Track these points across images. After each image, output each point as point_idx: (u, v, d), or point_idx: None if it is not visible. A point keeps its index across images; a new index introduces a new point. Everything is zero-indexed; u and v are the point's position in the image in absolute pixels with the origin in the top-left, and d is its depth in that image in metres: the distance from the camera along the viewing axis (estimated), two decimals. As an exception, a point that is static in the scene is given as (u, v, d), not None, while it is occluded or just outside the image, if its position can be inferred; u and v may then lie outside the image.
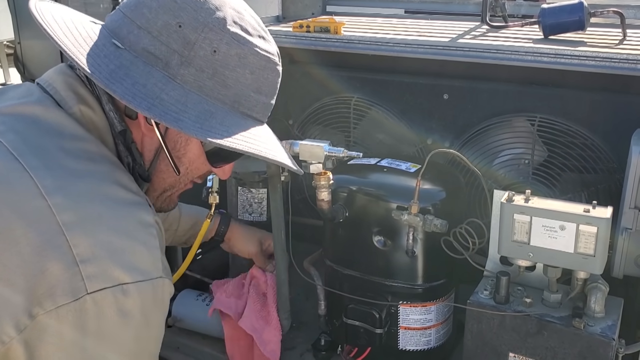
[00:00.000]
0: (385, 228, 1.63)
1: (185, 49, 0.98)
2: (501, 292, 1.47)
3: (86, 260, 0.83)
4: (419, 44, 1.88)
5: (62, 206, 0.85)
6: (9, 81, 6.73)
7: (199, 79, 0.99)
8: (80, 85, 1.02)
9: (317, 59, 2.13)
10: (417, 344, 1.70)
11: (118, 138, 1.03)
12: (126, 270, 0.86)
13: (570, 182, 1.78)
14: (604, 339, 1.35)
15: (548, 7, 1.90)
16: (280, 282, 1.82)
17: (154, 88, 0.96)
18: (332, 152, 1.59)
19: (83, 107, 1.00)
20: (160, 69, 0.98)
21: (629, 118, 1.69)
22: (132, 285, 0.86)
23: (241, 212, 2.04)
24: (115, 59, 0.97)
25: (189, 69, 0.99)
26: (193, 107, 0.98)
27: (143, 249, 0.90)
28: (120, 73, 0.96)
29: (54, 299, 0.82)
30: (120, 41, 0.99)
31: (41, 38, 3.11)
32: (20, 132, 0.93)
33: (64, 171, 0.90)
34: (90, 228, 0.86)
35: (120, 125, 1.03)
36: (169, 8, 0.99)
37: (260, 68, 1.05)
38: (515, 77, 1.85)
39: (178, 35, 0.98)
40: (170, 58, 0.98)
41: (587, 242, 1.34)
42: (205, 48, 0.99)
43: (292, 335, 1.88)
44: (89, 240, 0.85)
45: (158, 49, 0.98)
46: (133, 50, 0.98)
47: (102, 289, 0.84)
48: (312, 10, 2.53)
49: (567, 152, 1.79)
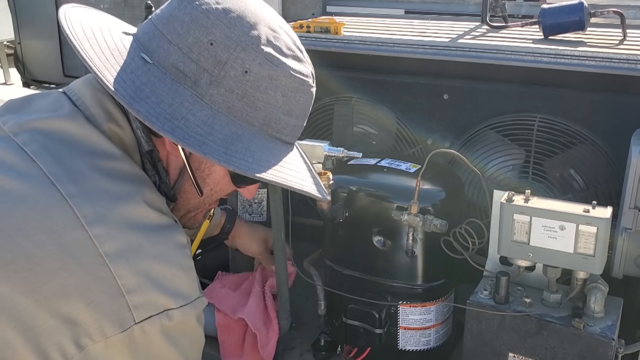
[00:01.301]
0: (385, 228, 1.63)
1: (216, 68, 0.94)
2: (501, 292, 1.47)
3: (131, 290, 0.85)
4: (419, 44, 1.88)
5: (103, 237, 0.85)
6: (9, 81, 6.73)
7: (228, 100, 0.96)
8: (109, 101, 0.99)
9: (317, 59, 2.10)
10: (417, 344, 1.70)
11: (145, 157, 1.01)
12: (170, 296, 0.88)
13: (570, 182, 1.78)
14: (604, 339, 1.35)
15: (548, 8, 1.90)
16: (280, 282, 1.82)
17: (180, 108, 0.93)
18: (332, 152, 1.59)
19: (112, 126, 0.98)
20: (188, 87, 0.94)
21: (629, 118, 1.69)
22: (177, 311, 0.88)
23: (241, 212, 2.04)
24: (143, 75, 0.94)
25: (219, 89, 0.95)
26: (220, 129, 0.95)
27: (182, 273, 0.91)
28: (146, 90, 0.92)
29: (102, 331, 0.83)
30: (149, 55, 0.95)
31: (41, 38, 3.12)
32: (53, 151, 0.91)
33: (101, 195, 0.88)
34: (132, 257, 0.86)
35: (148, 144, 1.00)
36: (202, 24, 0.94)
37: (293, 90, 1.02)
38: (516, 77, 1.85)
39: (209, 53, 0.94)
40: (200, 76, 0.94)
41: (587, 242, 1.34)
42: (237, 68, 0.95)
43: (292, 335, 1.88)
44: (132, 270, 0.85)
45: (187, 67, 0.94)
46: (162, 65, 0.95)
47: (149, 317, 0.86)
48: (312, 11, 2.54)
49: (567, 152, 1.79)
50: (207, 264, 2.17)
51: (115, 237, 0.86)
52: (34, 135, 0.93)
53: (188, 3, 0.97)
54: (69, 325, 0.82)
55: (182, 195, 1.09)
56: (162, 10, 1.01)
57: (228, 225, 1.85)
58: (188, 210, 1.13)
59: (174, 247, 0.92)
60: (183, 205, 1.11)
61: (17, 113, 0.98)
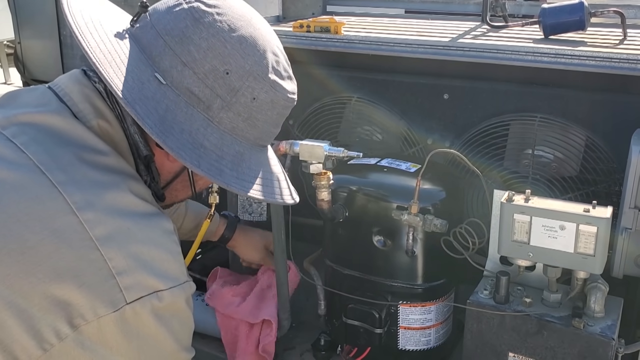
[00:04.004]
0: (385, 228, 1.63)
1: (229, 95, 1.00)
2: (501, 292, 1.47)
3: (122, 272, 0.88)
4: (419, 44, 1.88)
5: (93, 222, 0.88)
6: (9, 81, 6.73)
7: (234, 122, 1.02)
8: (98, 98, 1.01)
9: (317, 59, 2.12)
10: (417, 343, 1.70)
11: (140, 159, 1.05)
12: (159, 278, 0.91)
13: (570, 182, 1.78)
14: (604, 339, 1.35)
15: (548, 7, 1.90)
16: (280, 282, 1.82)
17: (197, 135, 0.98)
18: (332, 152, 1.59)
19: (101, 122, 1.00)
20: (200, 110, 0.99)
21: (629, 118, 1.69)
22: (166, 292, 0.92)
23: (241, 212, 2.04)
24: (162, 101, 0.96)
25: (228, 113, 1.01)
26: (228, 150, 1.02)
27: (170, 257, 0.95)
28: (169, 118, 0.96)
29: (95, 311, 0.86)
30: (162, 74, 0.98)
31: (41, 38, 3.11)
32: (42, 143, 0.93)
33: (89, 184, 0.91)
34: (121, 241, 0.89)
35: (146, 149, 1.04)
36: (219, 53, 0.98)
37: (284, 108, 1.10)
38: (516, 77, 1.85)
39: (224, 81, 0.99)
40: (213, 102, 0.99)
41: (587, 242, 1.34)
42: (247, 95, 1.01)
43: (292, 335, 1.88)
44: (121, 253, 0.88)
45: (202, 92, 0.98)
46: (175, 87, 0.98)
47: (140, 297, 0.89)
48: (313, 10, 2.53)
49: (567, 152, 1.79)
50: (207, 264, 2.17)
51: (105, 222, 0.89)
52: (23, 128, 0.95)
53: (205, 28, 0.99)
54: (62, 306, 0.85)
55: (171, 192, 1.14)
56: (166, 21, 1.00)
57: (227, 233, 1.87)
58: (173, 203, 1.20)
59: (162, 233, 0.96)
60: (170, 199, 1.17)
61: (4, 108, 1.00)
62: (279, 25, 2.27)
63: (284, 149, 1.64)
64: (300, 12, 2.48)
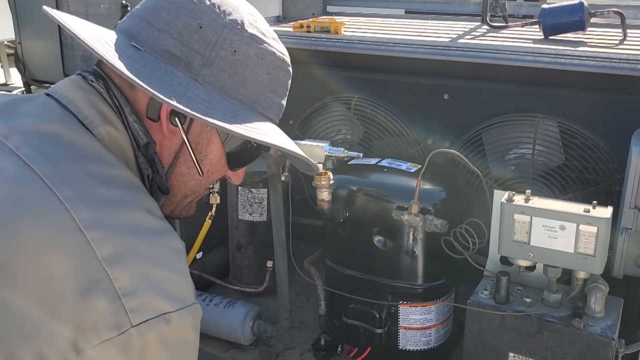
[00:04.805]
0: (385, 228, 1.63)
1: (207, 49, 1.00)
2: (501, 292, 1.47)
3: (128, 293, 0.85)
4: (419, 44, 1.88)
5: (100, 240, 0.85)
6: (9, 81, 6.73)
7: (220, 79, 1.01)
8: (102, 102, 1.00)
9: (317, 59, 2.13)
10: (417, 343, 1.70)
11: (140, 150, 1.03)
12: (167, 300, 0.88)
13: (570, 182, 1.78)
14: (604, 339, 1.36)
15: (548, 8, 1.90)
16: (280, 281, 1.82)
17: (179, 87, 0.97)
18: (332, 152, 1.59)
19: (108, 128, 0.99)
20: (182, 69, 0.99)
21: (629, 118, 1.69)
22: (174, 314, 0.88)
23: (241, 212, 2.04)
24: (139, 60, 0.97)
25: (211, 69, 1.00)
26: (217, 105, 0.99)
27: (178, 277, 0.92)
28: (145, 72, 0.96)
29: (99, 334, 0.83)
30: (140, 44, 0.99)
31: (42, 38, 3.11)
32: (48, 155, 0.91)
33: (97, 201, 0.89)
34: (128, 261, 0.87)
35: (146, 136, 1.02)
36: (189, 10, 1.00)
37: (276, 69, 1.07)
38: (516, 77, 1.85)
39: (199, 36, 0.99)
40: (192, 59, 0.99)
41: (587, 242, 1.34)
42: (226, 48, 1.00)
43: (292, 335, 1.88)
44: (128, 274, 0.86)
45: (179, 50, 0.99)
46: (154, 51, 0.99)
47: (146, 320, 0.85)
48: (313, 11, 2.54)
49: (567, 152, 1.79)
50: (207, 264, 2.18)
51: (112, 241, 0.86)
52: (26, 139, 0.93)
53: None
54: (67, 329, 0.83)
55: (177, 179, 1.10)
56: (143, 5, 1.04)
57: None
58: (184, 195, 1.14)
59: (170, 252, 0.93)
60: (179, 189, 1.12)
61: (4, 116, 0.98)
62: (279, 26, 2.27)
63: (284, 149, 1.64)
64: (300, 12, 2.48)
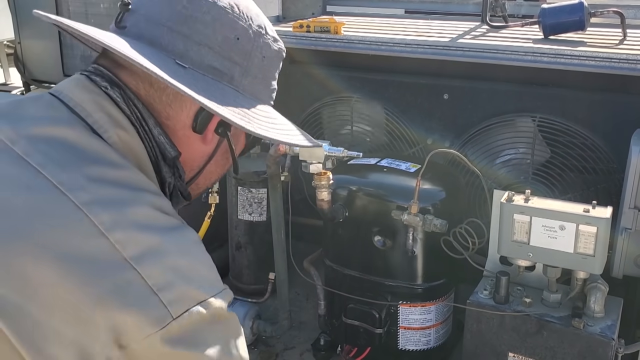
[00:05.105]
0: (385, 228, 1.63)
1: (245, 60, 1.02)
2: (501, 292, 1.47)
3: (162, 288, 0.85)
4: (419, 44, 1.88)
5: (124, 242, 0.85)
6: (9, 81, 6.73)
7: (254, 85, 1.04)
8: (112, 106, 0.98)
9: (317, 59, 2.13)
10: (417, 343, 1.70)
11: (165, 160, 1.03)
12: (200, 288, 0.88)
13: (570, 182, 1.78)
14: (604, 339, 1.35)
15: (548, 7, 1.90)
16: (280, 281, 1.82)
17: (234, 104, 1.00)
18: (332, 152, 1.59)
19: (120, 132, 0.97)
20: (227, 83, 1.01)
21: (629, 118, 1.69)
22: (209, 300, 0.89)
23: (241, 212, 2.04)
24: (195, 82, 0.96)
25: (248, 78, 1.03)
26: (260, 114, 1.03)
27: (205, 266, 0.93)
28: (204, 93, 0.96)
29: (142, 330, 0.83)
30: (180, 59, 0.98)
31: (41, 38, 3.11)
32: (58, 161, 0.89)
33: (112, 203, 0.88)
34: (156, 257, 0.87)
35: (173, 150, 1.02)
36: (225, 21, 1.00)
37: (282, 60, 1.12)
38: (515, 77, 1.85)
39: (237, 47, 1.01)
40: (234, 71, 1.01)
41: (587, 242, 1.34)
42: (258, 55, 1.04)
43: (292, 335, 1.88)
44: (159, 269, 0.86)
45: (222, 64, 1.00)
46: (198, 67, 0.99)
47: (186, 311, 0.86)
48: (313, 10, 2.53)
49: (567, 152, 1.79)
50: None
51: (135, 240, 0.86)
52: (35, 145, 0.91)
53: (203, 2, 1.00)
54: (108, 329, 0.83)
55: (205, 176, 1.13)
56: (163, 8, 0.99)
57: None
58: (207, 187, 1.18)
59: (192, 244, 0.94)
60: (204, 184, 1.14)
61: (9, 118, 0.95)
62: (278, 26, 2.27)
63: (283, 149, 1.65)
64: (300, 12, 2.48)
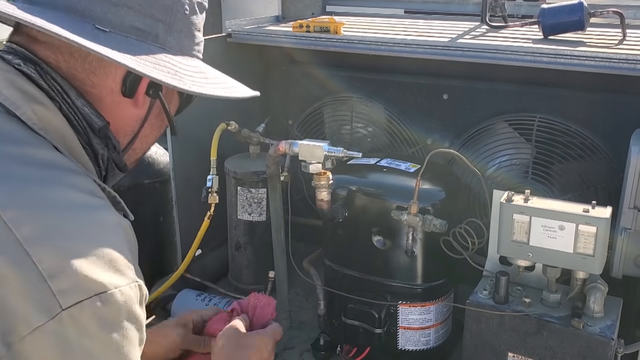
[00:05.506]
0: (384, 228, 1.63)
1: (167, 15, 0.98)
2: (500, 292, 1.47)
3: (54, 275, 0.77)
4: (419, 44, 1.88)
5: (18, 220, 0.77)
6: None
7: (179, 40, 1.01)
8: (24, 82, 0.91)
9: (317, 59, 2.13)
10: (417, 343, 1.70)
11: (94, 132, 0.97)
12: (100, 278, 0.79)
13: (569, 182, 1.78)
14: (603, 339, 1.35)
15: (548, 7, 1.90)
16: (280, 281, 1.82)
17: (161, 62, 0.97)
18: (332, 152, 1.59)
19: (36, 107, 0.90)
20: (151, 42, 0.97)
21: (628, 118, 1.69)
22: (109, 294, 0.80)
23: (241, 212, 2.04)
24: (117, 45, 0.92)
25: (173, 34, 1.00)
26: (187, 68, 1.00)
27: (112, 254, 0.83)
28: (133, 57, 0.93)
29: (28, 323, 0.75)
30: (100, 23, 0.93)
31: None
32: None
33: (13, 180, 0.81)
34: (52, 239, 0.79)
35: (100, 120, 0.96)
36: None
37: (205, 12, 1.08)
38: (515, 77, 1.85)
39: (158, 3, 0.97)
40: (157, 29, 0.98)
41: (587, 242, 1.34)
42: (180, 9, 1.00)
43: (292, 335, 1.88)
44: (53, 253, 0.78)
45: (144, 23, 0.96)
46: (119, 30, 0.94)
47: (78, 302, 0.77)
48: (312, 10, 2.53)
49: (567, 152, 1.79)
50: (207, 264, 2.18)
51: (32, 219, 0.79)
52: None
53: None
54: None
55: (141, 139, 1.08)
56: None
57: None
58: (144, 151, 1.13)
59: (102, 227, 0.85)
60: (141, 148, 1.10)
61: None
62: (278, 26, 2.27)
63: (283, 149, 1.64)
64: (300, 12, 2.48)
